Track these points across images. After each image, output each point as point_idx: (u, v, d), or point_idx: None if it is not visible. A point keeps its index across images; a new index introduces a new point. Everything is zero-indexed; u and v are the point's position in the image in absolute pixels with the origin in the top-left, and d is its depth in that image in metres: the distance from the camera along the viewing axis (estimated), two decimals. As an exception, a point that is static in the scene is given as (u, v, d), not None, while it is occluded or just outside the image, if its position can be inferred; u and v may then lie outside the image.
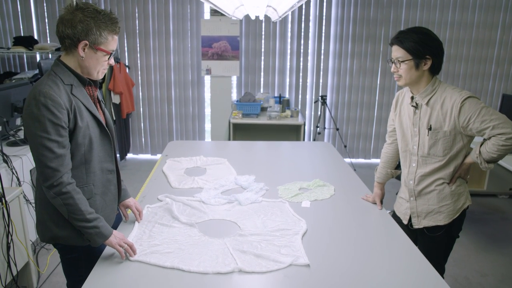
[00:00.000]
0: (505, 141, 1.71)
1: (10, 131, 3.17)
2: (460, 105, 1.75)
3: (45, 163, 1.46)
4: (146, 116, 5.70)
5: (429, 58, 1.79)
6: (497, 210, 4.24)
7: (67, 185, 1.48)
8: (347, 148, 5.72)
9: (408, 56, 1.80)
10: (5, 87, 3.09)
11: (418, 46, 1.77)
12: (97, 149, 1.64)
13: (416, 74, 1.83)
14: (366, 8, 5.31)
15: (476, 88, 5.57)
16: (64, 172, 1.49)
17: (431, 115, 1.86)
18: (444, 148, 1.86)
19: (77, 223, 1.52)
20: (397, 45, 1.83)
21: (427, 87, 1.86)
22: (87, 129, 1.58)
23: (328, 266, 1.54)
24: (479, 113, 1.73)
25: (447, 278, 2.95)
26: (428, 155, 1.91)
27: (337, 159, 2.95)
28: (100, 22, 1.50)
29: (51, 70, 1.56)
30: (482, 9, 5.30)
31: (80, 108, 1.56)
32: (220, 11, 2.18)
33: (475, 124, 1.75)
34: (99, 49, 1.53)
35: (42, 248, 3.19)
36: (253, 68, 5.54)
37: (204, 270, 1.49)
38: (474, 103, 1.74)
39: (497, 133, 1.72)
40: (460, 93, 1.78)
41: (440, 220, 1.94)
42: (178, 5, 5.31)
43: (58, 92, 1.48)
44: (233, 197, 2.14)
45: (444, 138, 1.84)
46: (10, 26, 5.33)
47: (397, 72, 1.86)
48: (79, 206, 1.50)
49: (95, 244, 1.56)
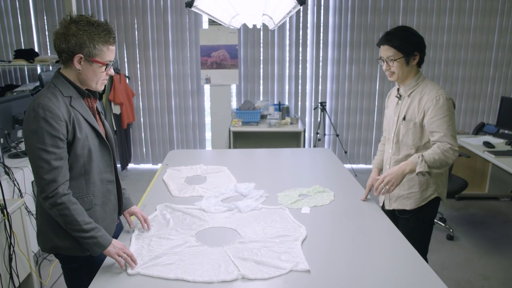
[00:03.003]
0: (449, 149, 1.92)
1: (12, 143, 3.19)
2: (433, 101, 1.96)
3: (41, 175, 1.47)
4: (146, 126, 5.73)
5: (416, 53, 2.02)
6: (499, 213, 4.23)
7: (62, 196, 1.49)
8: (347, 154, 5.72)
9: (399, 54, 2.00)
10: (6, 99, 3.12)
11: (407, 44, 1.98)
12: (97, 160, 1.66)
13: (406, 69, 2.04)
14: (363, 14, 5.35)
15: (475, 91, 5.58)
16: (60, 183, 1.50)
17: (409, 107, 2.07)
18: (413, 138, 2.07)
19: (74, 233, 1.53)
20: (387, 45, 2.02)
21: (412, 81, 2.07)
22: (86, 140, 1.59)
23: (328, 272, 1.55)
24: (441, 117, 1.94)
25: (450, 281, 2.94)
26: (400, 143, 2.13)
27: (337, 165, 2.96)
28: (93, 34, 1.51)
29: (51, 82, 1.58)
30: (478, 13, 5.33)
31: (79, 120, 1.57)
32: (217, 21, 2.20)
33: (433, 124, 1.97)
34: (94, 61, 1.54)
35: (44, 259, 3.19)
36: (252, 76, 5.57)
37: (209, 279, 1.48)
38: (445, 107, 1.94)
39: (445, 140, 1.94)
40: (438, 91, 1.98)
41: (407, 205, 2.17)
42: (177, 15, 5.36)
43: (57, 104, 1.50)
44: (233, 204, 2.15)
45: (414, 129, 2.06)
46: (11, 39, 5.38)
47: (390, 70, 2.06)
48: (75, 216, 1.50)
49: (94, 254, 1.56)
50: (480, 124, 4.54)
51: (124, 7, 5.32)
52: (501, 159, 3.36)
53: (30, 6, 5.29)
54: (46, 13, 5.30)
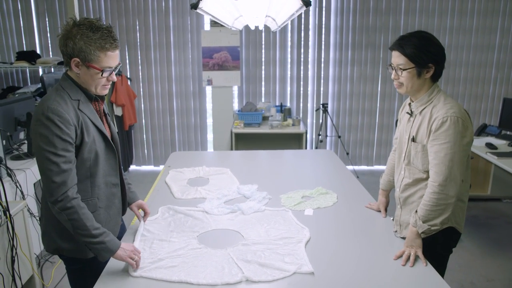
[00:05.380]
0: (436, 189, 1.63)
1: (14, 145, 3.19)
2: (439, 122, 1.65)
3: (51, 178, 1.46)
4: (148, 127, 5.73)
5: (431, 66, 1.69)
6: (502, 214, 4.22)
7: (72, 199, 1.49)
8: (349, 156, 5.71)
9: (410, 64, 1.69)
10: (8, 101, 3.12)
11: (420, 53, 1.67)
12: (102, 163, 1.66)
13: (417, 82, 1.72)
14: (365, 15, 5.35)
15: (477, 92, 5.58)
16: (70, 186, 1.49)
17: (420, 126, 1.76)
18: (422, 162, 1.75)
19: (82, 238, 1.51)
20: (398, 51, 1.72)
21: (424, 96, 1.75)
22: (93, 144, 1.59)
23: (332, 274, 1.54)
24: (442, 143, 1.64)
25: (453, 283, 2.93)
26: (410, 165, 1.82)
27: (339, 166, 2.95)
28: (90, 40, 1.48)
29: (59, 85, 1.57)
30: (480, 14, 5.33)
31: (87, 124, 1.57)
32: (220, 23, 2.20)
33: (431, 149, 1.68)
34: (90, 66, 1.52)
35: (46, 261, 3.19)
36: (254, 78, 5.57)
37: (213, 282, 1.48)
38: (450, 131, 1.62)
39: (434, 171, 1.65)
40: (448, 110, 1.64)
41: None
42: (179, 17, 5.36)
43: (65, 108, 1.50)
44: (236, 206, 2.14)
45: (423, 153, 1.74)
46: (13, 41, 5.39)
47: (398, 80, 1.75)
48: (83, 221, 1.49)
49: (103, 259, 1.55)
50: (482, 126, 4.53)
51: (126, 9, 5.32)
52: (504, 160, 3.35)
53: (32, 8, 5.30)
54: (48, 15, 5.31)
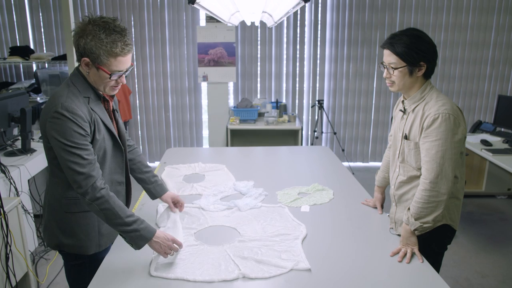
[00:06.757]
0: (427, 186, 1.63)
1: (8, 141, 3.16)
2: (431, 119, 1.64)
3: (77, 170, 1.45)
4: (143, 123, 5.70)
5: (423, 64, 1.68)
6: (496, 210, 4.24)
7: (101, 189, 1.48)
8: (345, 152, 5.72)
9: (402, 63, 1.68)
10: (2, 97, 3.08)
11: (412, 52, 1.65)
12: (109, 161, 1.66)
13: (409, 80, 1.71)
14: (361, 12, 5.35)
15: (472, 89, 5.60)
16: (97, 177, 1.49)
17: (413, 124, 1.75)
18: (416, 160, 1.75)
19: (116, 227, 1.50)
20: (389, 49, 1.71)
21: (416, 94, 1.74)
22: (103, 142, 1.60)
23: (329, 270, 1.54)
24: (433, 140, 1.63)
25: (448, 279, 2.95)
26: (404, 163, 1.82)
27: (335, 163, 2.95)
28: (101, 42, 1.44)
29: (69, 80, 1.56)
30: (476, 11, 5.34)
31: (98, 122, 1.58)
32: (216, 18, 2.19)
33: (422, 146, 1.67)
34: (100, 68, 1.50)
35: (41, 258, 3.17)
36: (249, 74, 5.55)
37: (210, 279, 1.48)
38: (441, 128, 1.61)
39: (425, 168, 1.65)
40: (440, 107, 1.64)
41: None
42: (174, 12, 5.33)
43: (79, 105, 1.50)
44: (232, 203, 2.14)
45: (416, 150, 1.74)
46: (6, 36, 5.33)
47: (390, 78, 1.75)
48: (115, 209, 1.48)
49: (138, 248, 1.53)
50: (477, 122, 4.55)
51: (121, 4, 5.28)
52: (498, 157, 3.37)
53: (25, 3, 5.24)
54: (41, 9, 5.25)
